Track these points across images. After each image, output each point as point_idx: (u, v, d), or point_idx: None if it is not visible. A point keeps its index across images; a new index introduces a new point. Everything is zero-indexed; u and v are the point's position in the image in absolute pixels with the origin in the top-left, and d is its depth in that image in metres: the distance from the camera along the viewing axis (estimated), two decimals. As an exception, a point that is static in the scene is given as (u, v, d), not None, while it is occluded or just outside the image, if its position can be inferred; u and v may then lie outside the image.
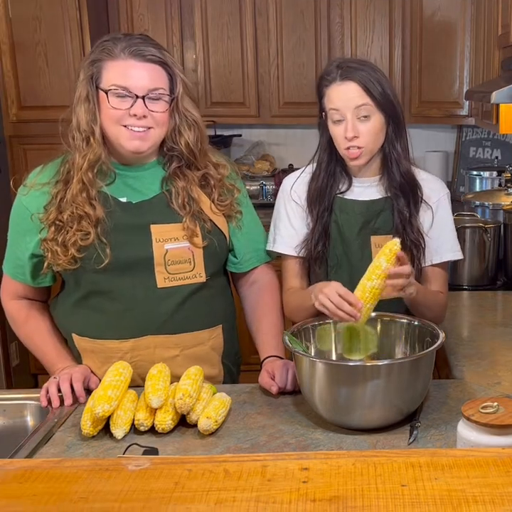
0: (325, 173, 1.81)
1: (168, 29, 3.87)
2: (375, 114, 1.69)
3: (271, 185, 4.02)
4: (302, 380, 1.55)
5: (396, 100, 1.74)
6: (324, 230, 1.80)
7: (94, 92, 1.63)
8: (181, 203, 1.71)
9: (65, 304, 1.79)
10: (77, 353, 1.79)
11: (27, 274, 1.76)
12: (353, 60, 1.82)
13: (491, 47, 3.02)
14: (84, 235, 1.65)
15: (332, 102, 1.71)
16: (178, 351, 1.76)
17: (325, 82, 1.72)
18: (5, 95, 3.57)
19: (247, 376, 1.98)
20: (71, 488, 0.92)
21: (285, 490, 0.90)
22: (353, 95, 1.68)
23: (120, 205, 1.70)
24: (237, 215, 1.81)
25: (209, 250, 1.75)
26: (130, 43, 1.62)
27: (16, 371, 3.60)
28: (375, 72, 1.71)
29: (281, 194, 1.90)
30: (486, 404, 1.25)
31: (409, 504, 0.87)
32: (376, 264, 1.56)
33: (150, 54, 1.62)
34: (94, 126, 1.63)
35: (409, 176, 1.78)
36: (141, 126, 1.63)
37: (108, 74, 1.62)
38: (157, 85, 1.63)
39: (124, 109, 1.61)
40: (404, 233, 1.76)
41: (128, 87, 1.60)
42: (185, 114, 1.69)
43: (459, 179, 4.12)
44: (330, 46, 3.86)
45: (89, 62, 1.64)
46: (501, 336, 2.09)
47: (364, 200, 1.81)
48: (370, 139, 1.71)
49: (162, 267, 1.71)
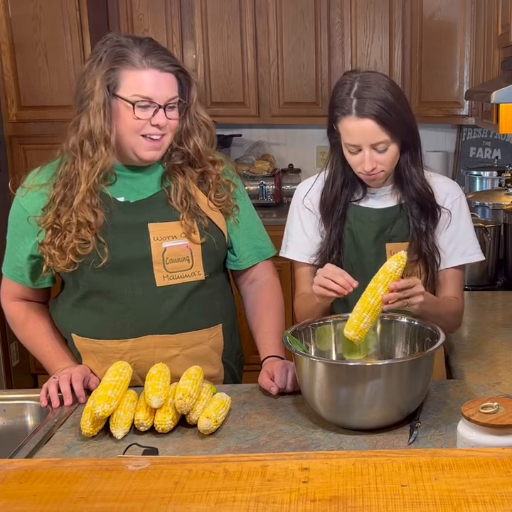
0: (339, 182, 1.79)
1: (168, 29, 3.87)
2: (391, 144, 1.67)
3: (271, 185, 4.02)
4: (302, 380, 1.55)
5: (410, 116, 1.70)
6: (339, 239, 1.79)
7: (110, 99, 1.61)
8: (179, 199, 1.72)
9: (64, 305, 1.78)
10: (77, 353, 1.79)
11: (26, 276, 1.76)
12: (367, 83, 1.66)
13: (491, 47, 3.03)
14: (84, 244, 1.64)
15: (348, 137, 1.67)
16: (178, 351, 1.76)
17: (340, 110, 1.66)
18: (5, 95, 3.57)
19: (247, 376, 1.98)
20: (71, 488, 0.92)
21: (285, 490, 0.90)
22: (370, 133, 1.64)
23: (118, 204, 1.69)
24: (234, 210, 1.80)
25: (207, 248, 1.75)
26: (149, 51, 1.62)
27: (15, 371, 3.60)
28: (390, 94, 1.65)
29: (295, 201, 1.87)
30: (486, 404, 1.25)
31: (409, 504, 0.87)
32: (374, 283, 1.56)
33: (169, 64, 1.64)
34: (110, 135, 1.61)
35: (425, 192, 1.76)
36: (159, 134, 1.64)
37: (128, 83, 1.61)
38: (174, 94, 1.65)
39: (146, 119, 1.62)
40: (420, 242, 1.76)
41: (151, 97, 1.61)
42: (196, 117, 1.71)
43: (459, 179, 4.11)
44: (330, 46, 3.86)
45: (107, 70, 1.60)
46: (501, 336, 2.08)
47: (379, 208, 1.79)
48: (387, 165, 1.70)
49: (161, 266, 1.71)
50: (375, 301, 1.55)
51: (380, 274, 1.56)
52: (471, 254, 1.84)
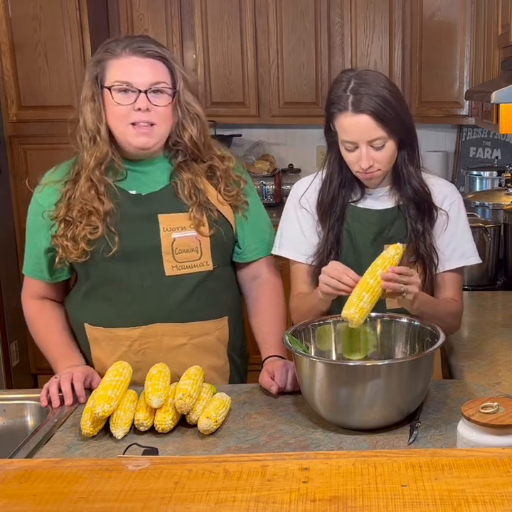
0: (337, 182, 1.78)
1: (168, 29, 3.87)
2: (388, 141, 1.66)
3: (271, 185, 4.02)
4: (302, 380, 1.55)
5: (407, 116, 1.70)
6: (336, 240, 1.78)
7: (99, 92, 1.68)
8: (187, 193, 1.75)
9: (77, 296, 1.83)
10: (87, 344, 1.82)
11: (45, 271, 1.81)
12: (364, 80, 1.66)
13: (491, 47, 3.02)
14: (93, 229, 1.70)
15: (345, 134, 1.66)
16: (186, 340, 1.79)
17: (336, 106, 1.66)
18: (5, 95, 3.57)
19: (248, 376, 1.98)
20: (71, 488, 0.92)
21: (285, 490, 0.90)
22: (366, 129, 1.63)
23: (130, 197, 1.75)
24: (243, 206, 1.84)
25: (216, 239, 1.78)
26: (131, 41, 1.68)
27: (15, 371, 3.60)
28: (387, 91, 1.64)
29: (292, 199, 1.86)
30: (486, 404, 1.25)
31: (409, 504, 0.87)
32: (372, 268, 1.58)
33: (150, 50, 1.68)
34: (100, 125, 1.68)
35: (422, 191, 1.76)
36: (145, 121, 1.67)
37: (111, 72, 1.67)
38: (159, 79, 1.67)
39: (127, 105, 1.65)
40: (417, 243, 1.76)
41: (130, 82, 1.65)
42: (187, 108, 1.73)
43: (459, 179, 4.12)
44: (330, 46, 3.86)
45: (93, 63, 1.69)
46: (501, 336, 2.08)
47: (377, 209, 1.79)
48: (384, 163, 1.70)
49: (170, 256, 1.75)
50: (374, 282, 1.55)
51: (378, 260, 1.58)
52: (469, 257, 1.83)
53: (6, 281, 3.50)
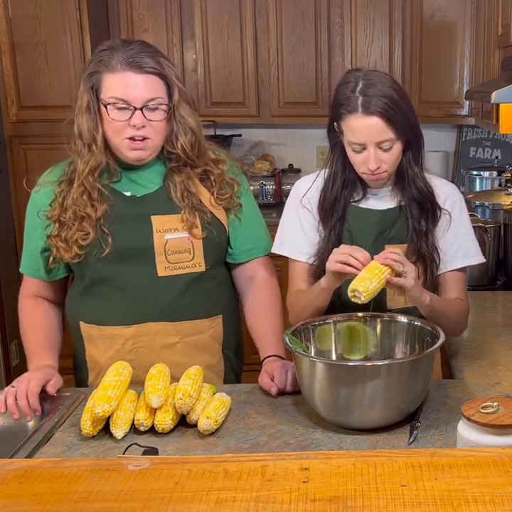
0: (340, 182, 1.78)
1: (168, 29, 3.87)
2: (396, 143, 1.66)
3: (271, 185, 4.02)
4: (302, 380, 1.55)
5: (413, 114, 1.70)
6: (338, 240, 1.77)
7: (95, 102, 1.68)
8: (180, 196, 1.76)
9: (73, 294, 1.86)
10: (81, 343, 1.83)
11: (41, 270, 1.82)
12: (370, 80, 1.65)
13: (491, 47, 3.02)
14: (85, 234, 1.72)
15: (353, 135, 1.65)
16: (178, 338, 1.80)
17: (345, 107, 1.65)
18: (5, 95, 3.57)
19: (247, 376, 1.98)
20: (71, 488, 0.92)
21: (285, 490, 0.90)
22: (376, 130, 1.63)
23: (124, 198, 1.76)
24: (236, 207, 1.85)
25: (209, 241, 1.79)
26: (127, 54, 1.65)
27: (15, 371, 3.59)
28: (393, 91, 1.64)
29: (293, 198, 1.85)
30: (486, 404, 1.25)
31: (409, 504, 0.87)
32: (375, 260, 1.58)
33: (147, 66, 1.66)
34: (96, 135, 1.69)
35: (427, 191, 1.76)
36: (140, 135, 1.68)
37: (106, 86, 1.67)
38: (154, 95, 1.67)
39: (123, 121, 1.66)
40: (419, 243, 1.75)
41: (126, 99, 1.65)
42: (181, 121, 1.73)
43: (459, 179, 4.12)
44: (330, 46, 3.86)
45: (88, 74, 1.69)
46: (501, 336, 2.08)
47: (379, 209, 1.78)
48: (391, 164, 1.70)
49: (162, 257, 1.76)
50: (379, 264, 1.55)
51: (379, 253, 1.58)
52: (472, 256, 1.83)
53: (6, 281, 3.50)
